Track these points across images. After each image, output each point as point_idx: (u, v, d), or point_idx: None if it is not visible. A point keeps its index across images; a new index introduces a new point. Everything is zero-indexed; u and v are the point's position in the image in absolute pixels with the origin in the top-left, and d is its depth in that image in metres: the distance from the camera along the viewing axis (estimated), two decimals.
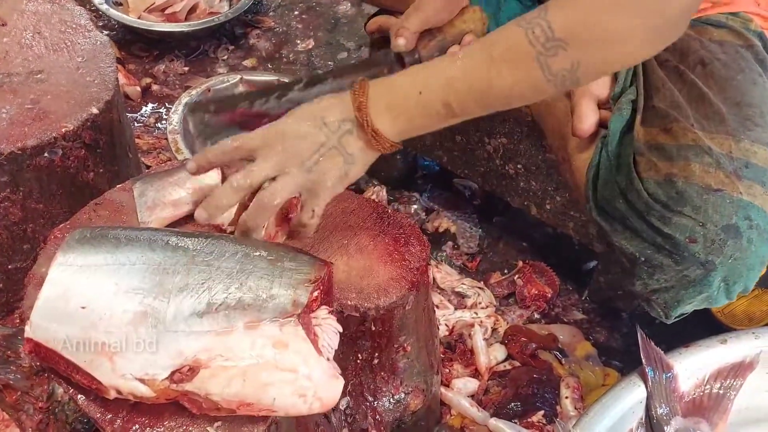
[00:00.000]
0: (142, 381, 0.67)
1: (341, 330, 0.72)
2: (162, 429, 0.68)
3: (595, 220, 0.92)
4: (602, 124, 0.94)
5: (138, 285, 0.69)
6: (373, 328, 0.83)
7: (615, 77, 0.97)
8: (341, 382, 0.68)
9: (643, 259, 0.88)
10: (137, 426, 0.68)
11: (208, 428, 0.68)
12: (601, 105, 0.95)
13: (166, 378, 0.66)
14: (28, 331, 0.70)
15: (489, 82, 0.72)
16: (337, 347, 0.71)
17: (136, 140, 1.56)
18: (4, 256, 1.04)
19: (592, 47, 0.70)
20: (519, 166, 1.26)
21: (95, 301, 0.69)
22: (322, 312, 0.71)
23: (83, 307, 0.69)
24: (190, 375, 0.66)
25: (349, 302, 0.80)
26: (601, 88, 0.95)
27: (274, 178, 0.75)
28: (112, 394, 0.68)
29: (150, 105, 1.66)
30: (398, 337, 0.86)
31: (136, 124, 1.62)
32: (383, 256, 0.85)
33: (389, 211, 0.90)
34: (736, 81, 0.89)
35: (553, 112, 1.06)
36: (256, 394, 0.66)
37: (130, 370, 0.67)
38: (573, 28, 0.69)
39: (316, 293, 0.69)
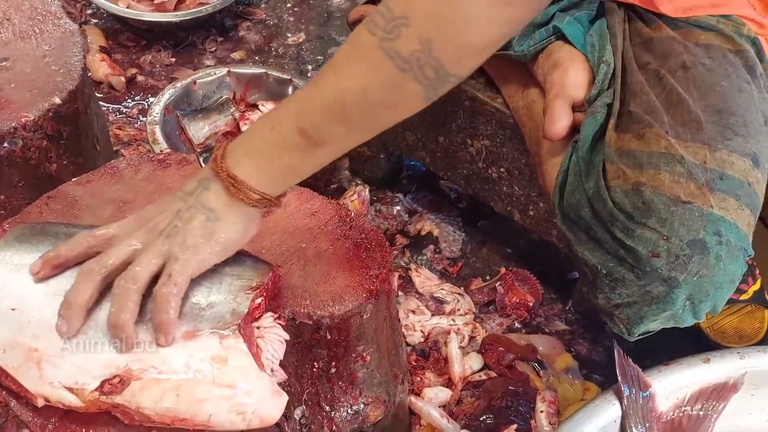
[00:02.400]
0: (70, 390, 0.63)
1: (287, 338, 0.68)
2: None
3: (560, 228, 0.88)
4: (576, 128, 0.89)
5: (68, 287, 0.65)
6: (329, 337, 0.79)
7: (593, 78, 0.92)
8: (283, 398, 0.65)
9: (604, 272, 0.83)
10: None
11: None
12: (576, 108, 0.90)
13: (96, 389, 0.63)
14: None
15: (337, 92, 0.65)
16: (282, 357, 0.68)
17: (117, 131, 1.53)
18: None
19: (439, 18, 0.61)
20: (502, 169, 1.22)
21: (25, 303, 0.66)
22: (267, 320, 0.67)
23: (13, 309, 0.66)
24: (120, 387, 0.62)
25: (302, 309, 0.76)
26: (578, 89, 0.91)
27: None
28: (40, 402, 0.65)
29: (134, 96, 1.63)
30: (356, 346, 0.82)
31: (118, 115, 1.59)
32: (342, 262, 0.81)
33: (352, 214, 0.86)
34: (719, 87, 0.84)
35: (532, 116, 1.02)
36: (191, 410, 0.63)
37: (58, 377, 0.64)
38: (412, 2, 0.61)
39: (258, 300, 0.65)
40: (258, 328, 0.66)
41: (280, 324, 0.69)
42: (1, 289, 0.67)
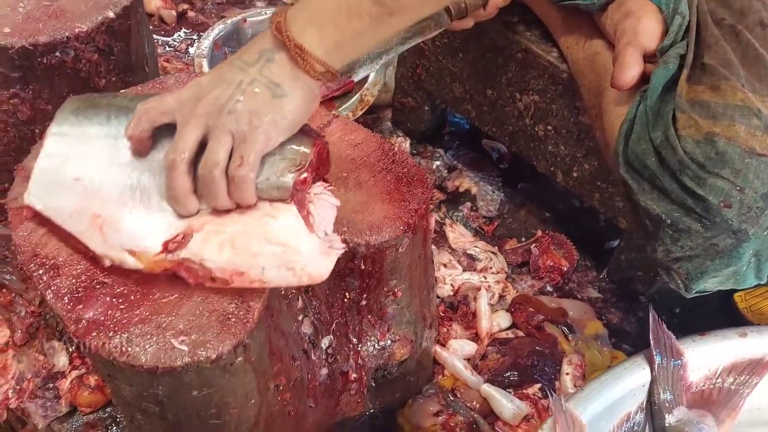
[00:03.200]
0: (132, 253, 0.66)
1: (338, 204, 0.70)
2: (126, 335, 0.65)
3: (622, 177, 0.86)
4: (644, 79, 0.87)
5: (129, 159, 0.68)
6: (363, 267, 0.79)
7: (666, 29, 0.89)
8: (333, 258, 0.67)
9: (669, 221, 0.81)
10: (100, 329, 0.65)
11: (172, 341, 0.65)
12: (647, 58, 0.88)
13: (160, 252, 0.66)
14: (27, 198, 0.70)
15: None
16: (333, 221, 0.70)
17: (164, 64, 1.54)
18: (10, 155, 1.03)
19: None
20: (549, 127, 1.19)
21: (88, 173, 0.69)
22: (318, 188, 0.68)
23: (77, 179, 0.69)
24: (183, 242, 0.65)
25: (339, 235, 0.75)
26: (649, 39, 0.88)
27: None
28: (107, 263, 0.68)
29: (183, 31, 1.63)
30: (389, 280, 0.82)
31: (167, 48, 1.59)
32: (382, 194, 0.80)
33: (395, 148, 0.85)
34: None
35: (594, 67, 0.99)
36: (247, 262, 0.65)
37: (120, 242, 0.67)
38: None
39: (304, 175, 0.66)
40: (309, 194, 0.68)
41: (329, 191, 0.70)
42: (64, 160, 0.70)
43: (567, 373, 1.12)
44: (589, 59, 1.02)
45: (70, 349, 1.09)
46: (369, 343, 0.87)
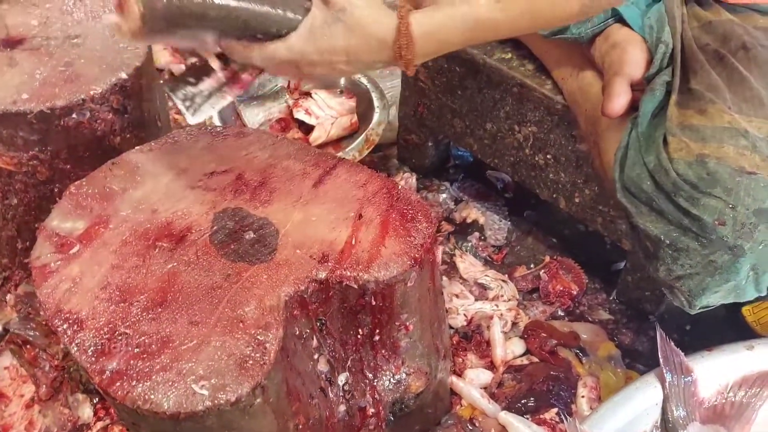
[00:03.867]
0: None
1: None
2: (149, 383, 0.68)
3: (620, 202, 0.89)
4: (634, 106, 0.90)
5: None
6: (374, 303, 0.82)
7: (651, 58, 0.93)
8: None
9: (667, 242, 0.84)
10: (124, 379, 0.69)
11: (193, 386, 0.68)
12: (635, 86, 0.91)
13: None
14: None
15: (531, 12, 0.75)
16: None
17: (176, 116, 1.59)
18: (30, 215, 1.07)
19: None
20: (549, 156, 1.22)
21: None
22: None
23: None
24: None
25: (348, 273, 0.79)
26: (636, 68, 0.92)
27: None
28: None
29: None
30: (400, 314, 0.85)
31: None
32: (388, 231, 0.83)
33: (398, 186, 0.88)
34: None
35: (588, 98, 1.03)
36: None
37: None
38: None
39: None
40: None
41: None
42: None
43: (582, 396, 1.14)
44: (583, 90, 1.05)
45: (95, 401, 1.12)
46: (384, 378, 0.89)
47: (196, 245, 0.80)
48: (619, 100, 0.90)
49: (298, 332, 0.80)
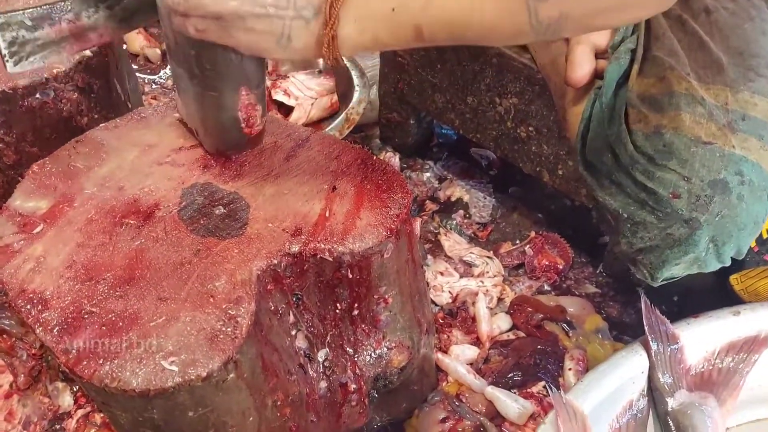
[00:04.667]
0: None
1: None
2: (117, 361, 0.66)
3: (581, 174, 0.87)
4: (599, 75, 0.88)
5: None
6: (350, 276, 0.79)
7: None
8: None
9: (626, 215, 0.83)
10: (90, 357, 0.66)
11: (162, 362, 0.66)
12: (599, 54, 0.89)
13: None
14: None
15: (470, 16, 0.66)
16: None
17: (152, 101, 1.56)
18: None
19: (587, 2, 0.64)
20: (531, 128, 1.20)
21: None
22: None
23: None
24: None
25: (322, 246, 0.76)
26: (600, 36, 0.89)
27: None
28: None
29: (168, 68, 1.66)
30: (378, 287, 0.83)
31: (153, 86, 1.62)
32: (363, 202, 0.81)
33: (374, 157, 0.86)
34: (741, 30, 0.83)
35: (557, 70, 1.00)
36: None
37: None
38: None
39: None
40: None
41: None
42: None
43: (569, 369, 1.12)
44: (552, 62, 1.03)
45: (75, 389, 1.10)
46: (365, 353, 0.87)
47: (164, 221, 0.78)
48: (582, 68, 0.88)
49: (273, 307, 0.78)
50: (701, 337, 0.96)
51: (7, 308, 1.11)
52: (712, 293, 1.24)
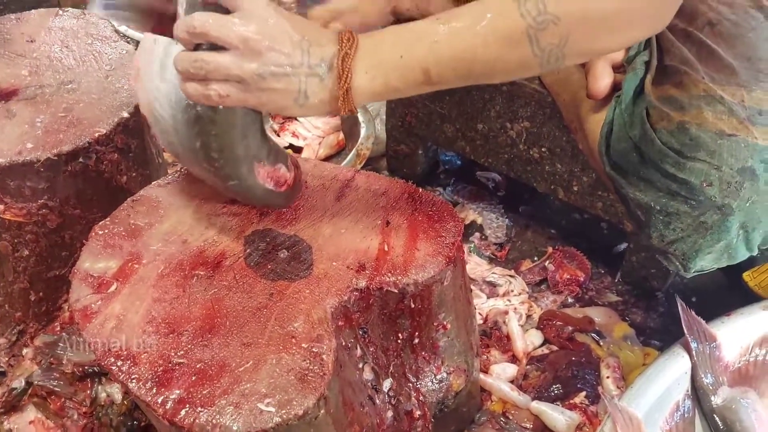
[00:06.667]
0: None
1: None
2: (214, 408, 0.68)
3: (608, 174, 0.94)
4: (616, 87, 0.96)
5: None
6: (413, 305, 0.83)
7: None
8: None
9: (658, 207, 0.89)
10: (187, 407, 0.69)
11: (258, 405, 0.69)
12: (616, 68, 0.97)
13: None
14: None
15: (474, 53, 0.70)
16: None
17: (164, 154, 1.58)
18: (43, 264, 1.06)
19: (583, 26, 0.69)
20: (543, 149, 1.26)
21: None
22: None
23: None
24: None
25: (387, 278, 0.80)
26: (616, 52, 0.97)
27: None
28: None
29: None
30: (437, 314, 0.86)
31: None
32: (417, 234, 0.85)
33: (420, 190, 0.90)
34: (746, 38, 0.89)
35: (567, 87, 1.07)
36: None
37: None
38: (567, 7, 0.68)
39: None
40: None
41: None
42: None
43: (607, 377, 1.16)
44: (563, 80, 1.10)
45: None
46: (427, 379, 0.91)
47: (233, 269, 0.81)
48: (603, 81, 0.96)
49: (344, 343, 0.81)
50: (736, 334, 1.01)
51: (54, 370, 1.12)
52: (728, 292, 1.30)
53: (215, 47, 0.70)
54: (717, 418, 0.97)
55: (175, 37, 0.72)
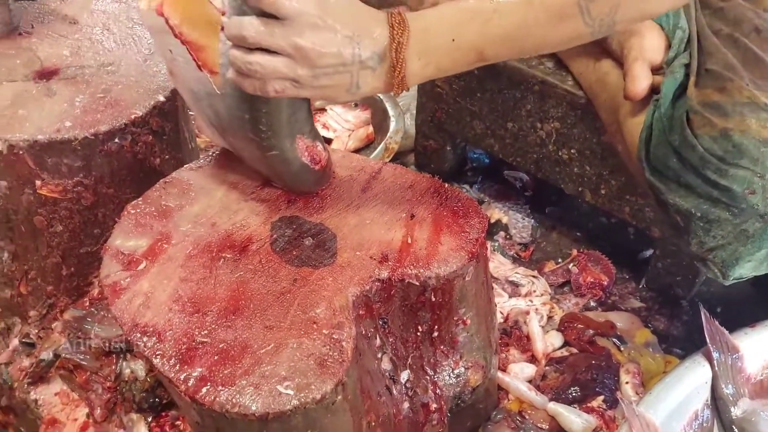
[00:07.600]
0: None
1: None
2: (234, 387, 0.70)
3: (648, 180, 0.93)
4: (654, 90, 0.95)
5: None
6: (433, 299, 0.84)
7: (668, 44, 0.97)
8: None
9: (698, 214, 0.88)
10: (209, 385, 0.70)
11: (278, 387, 0.70)
12: (654, 71, 0.96)
13: None
14: None
15: (527, 28, 0.71)
16: None
17: (197, 139, 1.61)
18: (76, 240, 1.09)
19: None
20: (573, 150, 1.25)
21: None
22: None
23: None
24: None
25: (410, 271, 0.81)
26: (655, 53, 0.96)
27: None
28: None
29: None
30: (458, 309, 0.87)
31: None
32: (442, 228, 0.86)
33: (446, 185, 0.91)
34: None
35: (606, 87, 1.06)
36: None
37: None
38: None
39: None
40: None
41: None
42: None
43: (627, 382, 1.16)
44: (600, 80, 1.09)
45: (149, 420, 1.13)
46: (444, 373, 0.91)
47: (259, 254, 0.82)
48: (642, 82, 0.95)
49: (363, 332, 0.82)
50: (759, 346, 1.00)
51: (81, 344, 1.15)
52: (754, 303, 1.28)
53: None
54: (736, 430, 0.96)
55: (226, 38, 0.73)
